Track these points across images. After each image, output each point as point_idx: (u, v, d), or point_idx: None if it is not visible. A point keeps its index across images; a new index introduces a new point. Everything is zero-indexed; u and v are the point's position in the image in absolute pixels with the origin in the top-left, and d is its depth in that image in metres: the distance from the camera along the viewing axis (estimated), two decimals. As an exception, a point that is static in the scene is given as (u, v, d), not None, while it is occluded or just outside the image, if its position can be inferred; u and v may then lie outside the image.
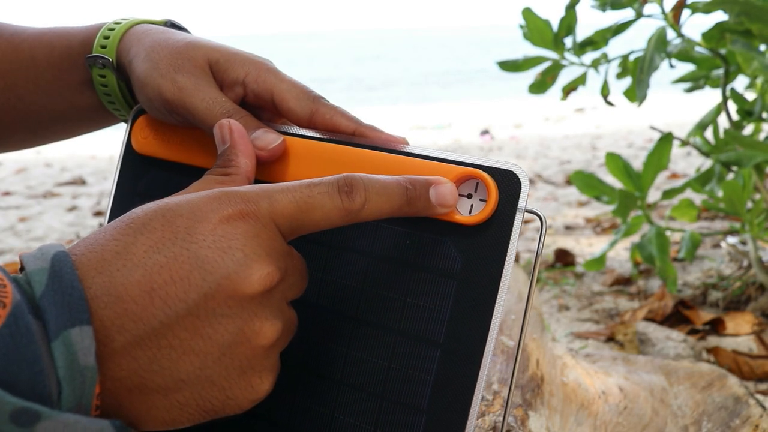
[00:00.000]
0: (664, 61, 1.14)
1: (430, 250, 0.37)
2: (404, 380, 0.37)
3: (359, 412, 0.38)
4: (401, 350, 0.37)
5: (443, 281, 0.36)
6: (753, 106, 1.19)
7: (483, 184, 0.36)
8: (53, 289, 0.28)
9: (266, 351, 0.32)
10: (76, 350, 0.27)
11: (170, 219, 0.31)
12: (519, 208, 0.36)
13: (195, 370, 0.30)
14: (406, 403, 0.36)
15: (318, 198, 0.33)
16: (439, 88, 9.22)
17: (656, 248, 1.23)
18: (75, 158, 3.83)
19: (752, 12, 0.99)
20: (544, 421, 0.61)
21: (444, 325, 0.36)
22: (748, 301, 1.21)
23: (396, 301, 0.37)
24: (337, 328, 0.39)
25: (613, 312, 1.26)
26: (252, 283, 0.31)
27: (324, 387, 0.39)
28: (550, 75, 1.31)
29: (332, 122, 0.43)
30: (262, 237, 0.32)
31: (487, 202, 0.36)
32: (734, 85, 1.23)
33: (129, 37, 0.47)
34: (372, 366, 0.38)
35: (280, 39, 41.96)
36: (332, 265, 0.39)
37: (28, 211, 2.45)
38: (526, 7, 1.30)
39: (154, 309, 0.29)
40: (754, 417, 0.72)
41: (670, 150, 1.23)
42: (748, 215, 1.17)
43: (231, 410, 0.32)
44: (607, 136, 4.19)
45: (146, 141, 0.47)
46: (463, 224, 0.36)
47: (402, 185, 0.35)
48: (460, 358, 0.35)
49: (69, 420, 0.26)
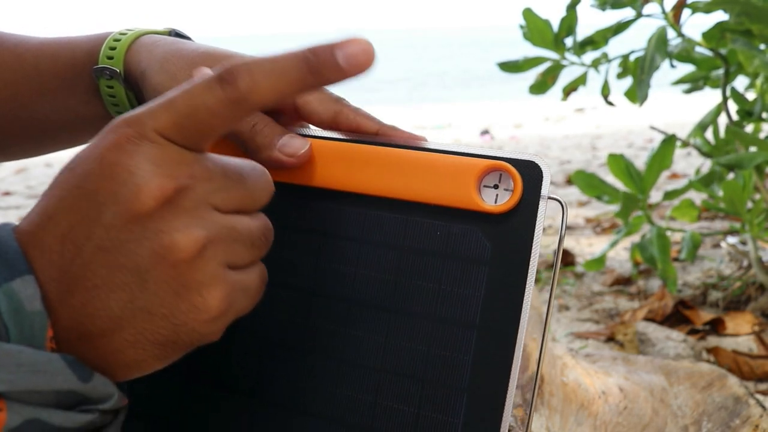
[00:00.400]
0: (664, 61, 1.14)
1: (460, 239, 0.39)
2: (444, 363, 0.38)
3: (402, 397, 0.39)
4: (439, 335, 0.39)
5: (475, 267, 0.38)
6: (753, 107, 1.19)
7: (507, 174, 0.38)
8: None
9: (191, 263, 0.31)
10: (21, 298, 0.28)
11: (72, 167, 0.31)
12: (542, 195, 0.38)
13: (126, 304, 0.30)
14: (448, 383, 0.38)
15: (198, 97, 0.31)
16: (439, 88, 9.22)
17: (657, 249, 1.23)
18: (75, 158, 3.82)
19: (753, 12, 0.99)
20: (544, 421, 0.61)
21: (478, 308, 0.38)
22: (748, 301, 1.21)
23: (430, 289, 0.39)
24: (374, 321, 0.40)
25: (613, 312, 1.26)
26: (142, 199, 0.30)
27: (365, 376, 0.40)
28: (550, 75, 1.31)
29: (356, 123, 0.43)
30: (150, 153, 0.31)
31: (513, 191, 0.38)
32: (734, 85, 1.23)
33: (137, 48, 0.47)
34: (411, 352, 0.39)
35: (279, 39, 41.93)
36: (365, 260, 0.41)
37: (27, 211, 2.45)
38: (527, 7, 1.30)
39: (69, 254, 0.30)
40: (754, 417, 0.72)
41: (673, 151, 1.23)
42: (748, 215, 1.17)
43: (188, 337, 0.31)
44: (607, 136, 4.19)
45: None
46: (491, 213, 0.38)
47: (298, 56, 0.32)
48: (496, 337, 0.37)
49: (12, 349, 0.27)
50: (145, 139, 0.31)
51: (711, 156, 1.26)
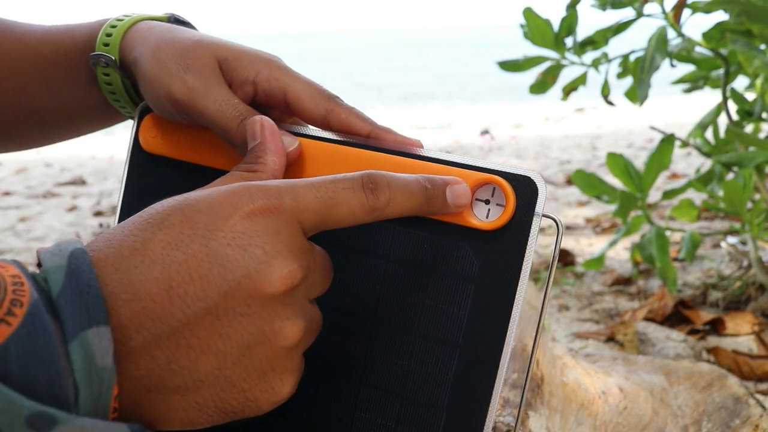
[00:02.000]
0: (664, 61, 1.14)
1: (448, 254, 0.37)
2: (424, 380, 0.37)
3: (381, 411, 0.38)
4: (421, 351, 0.38)
5: (461, 284, 0.37)
6: (753, 107, 1.19)
7: (500, 189, 0.37)
8: (70, 287, 0.27)
9: (288, 352, 0.31)
10: (94, 351, 0.27)
11: (189, 215, 0.30)
12: (536, 213, 0.36)
13: (214, 370, 0.30)
14: (427, 401, 0.37)
15: (342, 194, 0.32)
16: (439, 87, 9.22)
17: (656, 248, 1.23)
18: (75, 158, 3.83)
19: (753, 12, 0.99)
20: (544, 421, 0.61)
21: (462, 327, 0.37)
22: (748, 301, 1.21)
23: (415, 303, 0.38)
24: (357, 330, 0.39)
25: (613, 312, 1.26)
26: (273, 282, 0.30)
27: (345, 386, 0.39)
28: (550, 75, 1.31)
29: (348, 123, 0.42)
30: (283, 233, 0.31)
31: (505, 207, 0.37)
32: (734, 85, 1.23)
33: (132, 34, 0.46)
34: (393, 366, 0.38)
35: (279, 39, 41.97)
36: (352, 268, 0.40)
37: (28, 211, 2.45)
38: (527, 7, 1.30)
39: (173, 307, 0.29)
40: (754, 417, 0.72)
41: (671, 151, 1.23)
42: (748, 215, 1.17)
43: (251, 412, 0.32)
44: (607, 136, 4.19)
45: (154, 140, 0.47)
46: (481, 229, 0.37)
47: (422, 184, 0.35)
48: (478, 359, 0.36)
49: (86, 425, 0.25)
50: (282, 217, 0.31)
51: (711, 156, 1.26)
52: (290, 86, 0.43)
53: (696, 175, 1.33)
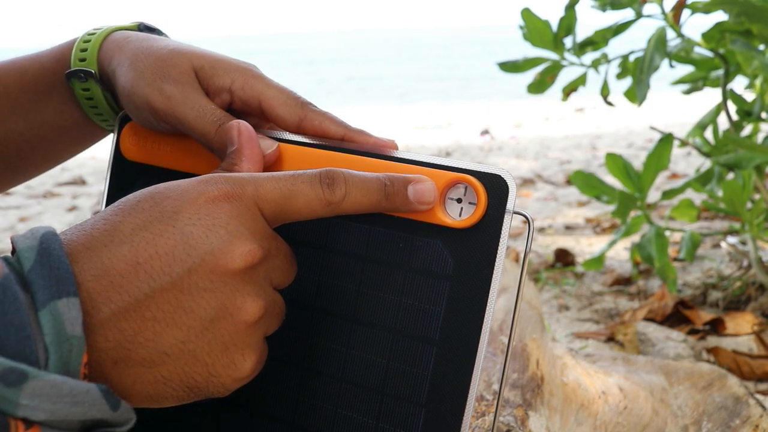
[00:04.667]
0: (664, 62, 1.14)
1: (422, 252, 0.38)
2: (403, 377, 0.38)
3: (361, 408, 0.39)
4: (399, 348, 0.38)
5: (436, 282, 0.38)
6: (752, 107, 1.19)
7: (471, 188, 0.38)
8: (41, 264, 0.29)
9: (249, 328, 0.33)
10: (63, 320, 0.28)
11: (159, 200, 0.32)
12: (507, 210, 0.37)
13: (178, 343, 0.31)
14: (406, 398, 0.38)
15: (301, 187, 0.35)
16: (440, 87, 9.22)
17: (656, 248, 1.23)
18: (75, 158, 3.83)
19: (752, 12, 0.99)
20: (544, 421, 0.61)
21: (439, 323, 0.38)
22: (748, 301, 1.21)
23: (392, 301, 0.39)
24: (336, 329, 0.40)
25: (613, 312, 1.26)
26: (234, 259, 0.32)
27: (326, 384, 0.40)
28: (549, 74, 1.31)
29: (321, 128, 0.43)
30: (245, 217, 0.33)
31: (477, 205, 0.37)
32: (733, 85, 1.23)
33: (108, 45, 0.47)
34: (371, 364, 0.39)
35: (279, 39, 42.00)
36: (329, 268, 0.40)
37: (28, 211, 2.45)
38: (525, 7, 1.30)
39: (139, 281, 0.31)
40: (754, 417, 0.72)
41: (670, 151, 1.23)
42: (748, 215, 1.17)
43: (215, 389, 0.33)
44: (607, 136, 4.19)
45: (135, 148, 0.47)
46: (454, 227, 0.38)
47: (381, 181, 0.37)
48: (455, 354, 0.37)
49: (56, 380, 0.27)
50: (244, 203, 0.33)
51: (710, 156, 1.26)
52: (264, 94, 0.44)
53: (695, 175, 1.33)
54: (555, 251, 1.56)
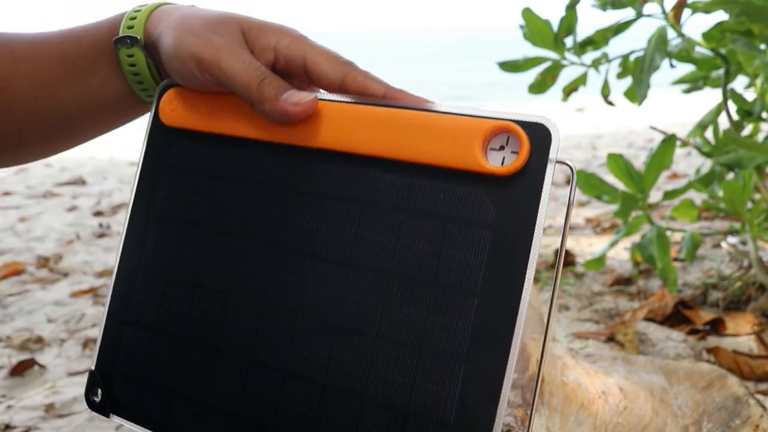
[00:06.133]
0: (664, 61, 1.14)
1: (463, 202, 0.38)
2: (442, 331, 0.37)
3: (397, 366, 0.38)
4: (438, 301, 0.37)
5: (478, 231, 0.37)
6: (753, 106, 1.19)
7: (514, 136, 0.37)
8: None
9: None
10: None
11: None
12: (550, 159, 0.36)
13: None
14: (445, 353, 0.37)
15: None
16: (440, 88, 9.22)
17: (657, 249, 1.23)
18: (74, 158, 3.82)
19: (752, 12, 0.99)
20: (545, 421, 0.61)
21: (480, 274, 0.37)
22: (749, 301, 1.21)
23: (431, 253, 0.38)
24: (372, 285, 0.39)
25: (613, 312, 1.26)
26: None
27: (360, 343, 0.39)
28: (550, 74, 1.31)
29: (364, 85, 0.43)
30: None
31: (519, 153, 0.37)
32: (733, 85, 1.23)
33: (156, 14, 0.48)
34: (409, 318, 0.38)
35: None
36: (367, 222, 0.40)
37: (27, 211, 2.45)
38: (526, 7, 1.30)
39: None
40: (755, 417, 0.72)
41: (672, 151, 1.23)
42: (749, 215, 1.16)
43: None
44: (607, 136, 4.18)
45: (174, 113, 0.48)
46: (496, 175, 0.37)
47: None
48: (497, 305, 0.36)
49: None
50: None
51: (711, 156, 1.26)
52: (309, 52, 0.45)
53: (696, 176, 1.33)
54: (555, 251, 1.56)
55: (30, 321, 1.41)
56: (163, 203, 0.47)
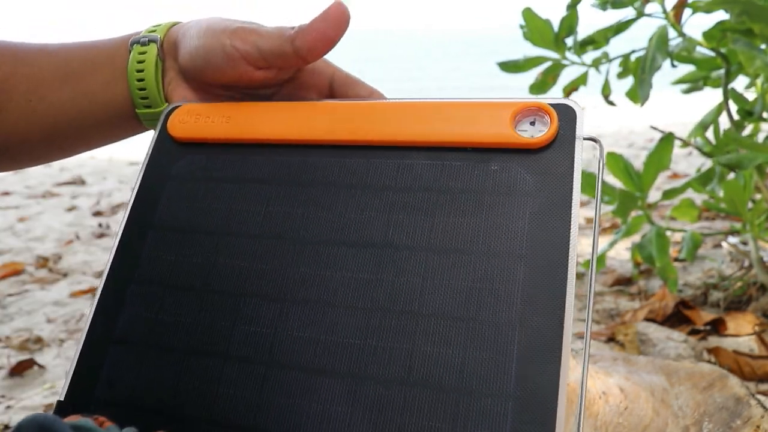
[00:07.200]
0: (666, 61, 1.13)
1: (499, 175, 0.39)
2: (490, 297, 0.36)
3: (445, 341, 0.36)
4: (483, 269, 0.37)
5: (517, 200, 0.38)
6: (753, 106, 1.19)
7: (543, 112, 0.39)
8: None
9: None
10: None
11: None
12: (578, 135, 0.39)
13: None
14: (496, 320, 0.36)
15: None
16: (440, 88, 9.22)
17: (656, 248, 1.23)
18: (74, 158, 3.82)
19: (753, 11, 0.99)
20: (545, 421, 0.60)
21: (524, 238, 0.37)
22: (749, 302, 1.20)
23: (470, 225, 0.38)
24: (412, 263, 0.38)
25: (613, 312, 1.26)
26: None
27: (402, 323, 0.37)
28: (551, 75, 1.31)
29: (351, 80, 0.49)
30: None
31: (549, 126, 0.39)
32: (734, 85, 1.23)
33: (177, 26, 0.50)
34: (455, 289, 0.37)
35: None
36: (398, 205, 0.40)
37: (27, 211, 2.45)
38: (527, 7, 1.29)
39: None
40: (755, 417, 0.72)
41: (671, 150, 1.23)
42: (749, 215, 1.16)
43: None
44: (607, 136, 4.18)
45: (185, 126, 0.47)
46: (529, 146, 0.39)
47: None
48: (545, 265, 0.36)
49: None
50: None
51: (712, 156, 1.25)
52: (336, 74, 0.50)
53: (696, 175, 1.33)
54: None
55: (29, 321, 1.41)
56: (167, 212, 0.45)
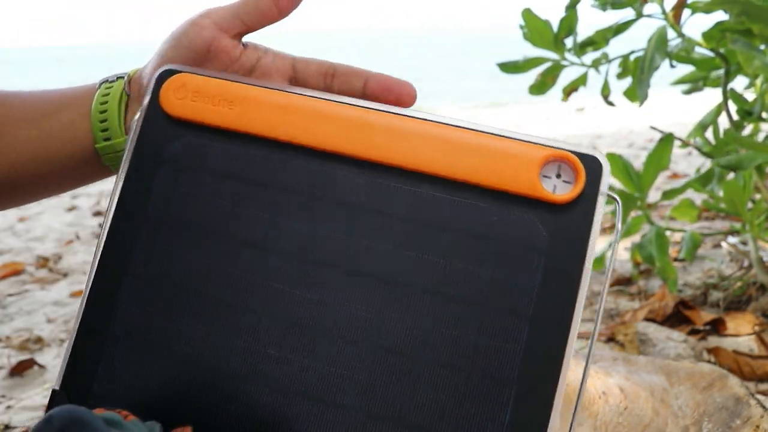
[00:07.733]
0: (665, 61, 1.14)
1: (517, 226, 0.38)
2: (494, 353, 0.37)
3: (444, 389, 0.37)
4: (489, 323, 0.37)
5: (530, 255, 0.38)
6: (753, 106, 1.19)
7: (569, 165, 0.38)
8: None
9: None
10: None
11: None
12: (601, 191, 0.38)
13: None
14: (496, 376, 0.37)
15: None
16: (440, 88, 9.22)
17: (656, 248, 1.23)
18: (75, 158, 3.82)
19: (753, 12, 0.99)
20: (545, 421, 0.60)
21: (533, 298, 0.37)
22: (749, 302, 1.20)
23: (484, 276, 0.38)
24: (419, 305, 0.38)
25: (613, 312, 1.26)
26: None
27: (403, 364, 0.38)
28: (550, 75, 1.31)
29: None
30: None
31: (576, 183, 0.38)
32: (733, 85, 1.23)
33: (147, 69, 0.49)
34: (459, 343, 0.37)
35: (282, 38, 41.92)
36: (414, 241, 0.39)
37: (27, 211, 2.45)
38: (526, 7, 1.30)
39: None
40: (755, 417, 0.72)
41: (670, 150, 1.23)
42: (749, 215, 1.16)
43: None
44: (607, 136, 4.18)
45: (182, 102, 0.42)
46: (552, 202, 0.38)
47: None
48: (548, 328, 0.37)
49: None
50: None
51: (711, 156, 1.25)
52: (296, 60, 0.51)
53: (696, 175, 1.33)
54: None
55: (29, 321, 1.41)
56: (162, 203, 0.41)
